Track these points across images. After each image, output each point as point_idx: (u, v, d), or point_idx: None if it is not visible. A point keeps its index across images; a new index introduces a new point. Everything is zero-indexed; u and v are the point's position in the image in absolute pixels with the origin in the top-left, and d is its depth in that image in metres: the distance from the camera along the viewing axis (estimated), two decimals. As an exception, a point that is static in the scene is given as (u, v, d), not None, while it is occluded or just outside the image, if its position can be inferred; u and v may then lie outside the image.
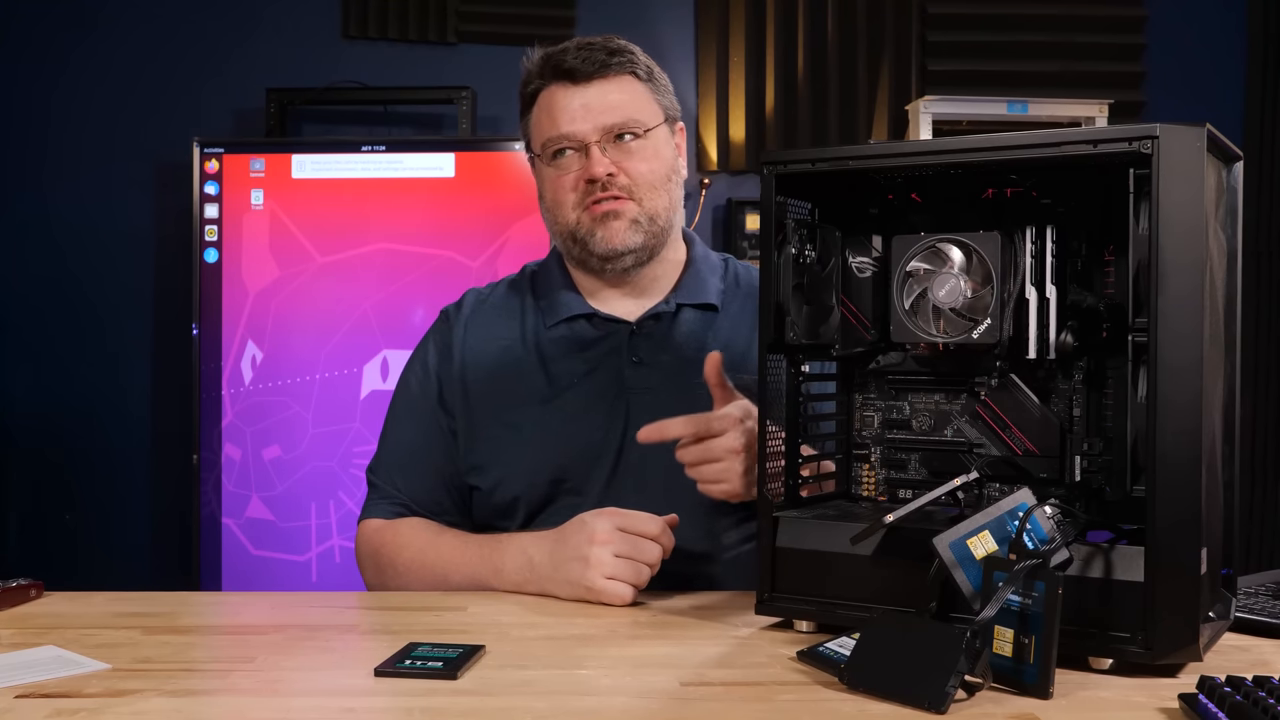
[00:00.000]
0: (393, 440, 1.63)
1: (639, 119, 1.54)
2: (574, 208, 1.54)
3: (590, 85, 1.53)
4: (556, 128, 1.53)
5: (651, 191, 1.54)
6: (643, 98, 1.56)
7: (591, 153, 1.51)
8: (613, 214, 1.52)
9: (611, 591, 1.31)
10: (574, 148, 1.53)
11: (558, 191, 1.55)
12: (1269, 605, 1.23)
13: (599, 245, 1.53)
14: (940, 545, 1.04)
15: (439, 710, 0.94)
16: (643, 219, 1.53)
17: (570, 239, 1.56)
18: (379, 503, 1.60)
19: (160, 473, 3.69)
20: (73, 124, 3.68)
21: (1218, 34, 3.82)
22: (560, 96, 1.53)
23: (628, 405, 1.53)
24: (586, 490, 1.51)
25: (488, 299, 1.67)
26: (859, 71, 3.76)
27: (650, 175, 1.54)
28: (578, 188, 1.53)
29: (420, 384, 1.62)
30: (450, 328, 1.64)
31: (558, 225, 1.57)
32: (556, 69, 1.54)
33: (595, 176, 1.51)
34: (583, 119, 1.52)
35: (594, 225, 1.53)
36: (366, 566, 1.57)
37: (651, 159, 1.54)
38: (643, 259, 1.57)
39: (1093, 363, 1.16)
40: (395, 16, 3.69)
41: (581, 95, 1.53)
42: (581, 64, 1.52)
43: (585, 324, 1.59)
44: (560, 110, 1.53)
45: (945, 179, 1.21)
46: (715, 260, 1.67)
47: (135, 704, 0.96)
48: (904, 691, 0.95)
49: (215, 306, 3.37)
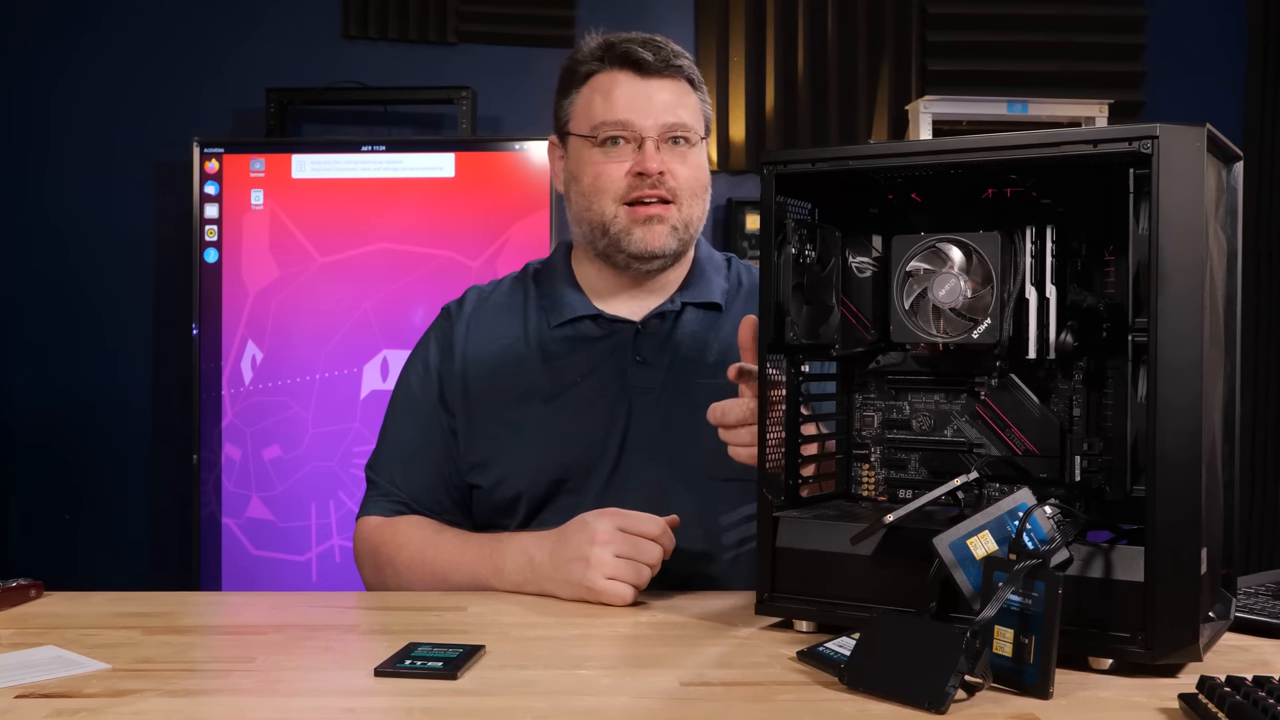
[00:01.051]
0: (393, 438, 1.63)
1: (693, 125, 1.54)
2: (615, 200, 1.53)
3: (654, 80, 1.53)
4: (615, 113, 1.52)
5: (692, 199, 1.55)
6: (694, 106, 1.56)
7: (646, 147, 1.51)
8: (657, 218, 1.52)
9: (612, 592, 1.31)
10: (628, 138, 1.52)
11: (601, 178, 1.53)
12: (1269, 605, 1.23)
13: (634, 245, 1.52)
14: (940, 545, 1.04)
15: (439, 710, 0.94)
16: (680, 225, 1.54)
17: (600, 230, 1.54)
18: (378, 500, 1.59)
19: (160, 472, 3.69)
20: (73, 124, 3.68)
21: (1218, 34, 3.82)
22: (624, 84, 1.53)
23: (630, 404, 1.53)
24: (588, 489, 1.51)
25: (490, 296, 1.66)
26: (859, 71, 3.76)
27: (693, 183, 1.54)
28: (624, 179, 1.52)
29: (421, 382, 1.61)
30: (452, 325, 1.63)
31: (591, 213, 1.55)
32: (624, 56, 1.53)
33: (649, 171, 1.50)
34: (644, 112, 1.51)
35: (632, 225, 1.52)
36: (365, 564, 1.57)
37: (696, 167, 1.55)
38: (669, 264, 1.58)
39: (1093, 363, 1.16)
40: (395, 16, 3.69)
41: (646, 88, 1.52)
42: (653, 57, 1.52)
43: (590, 324, 1.59)
44: (622, 97, 1.52)
45: (945, 179, 1.21)
46: (719, 259, 1.67)
47: (135, 704, 0.96)
48: (904, 691, 0.95)
49: (215, 306, 3.37)
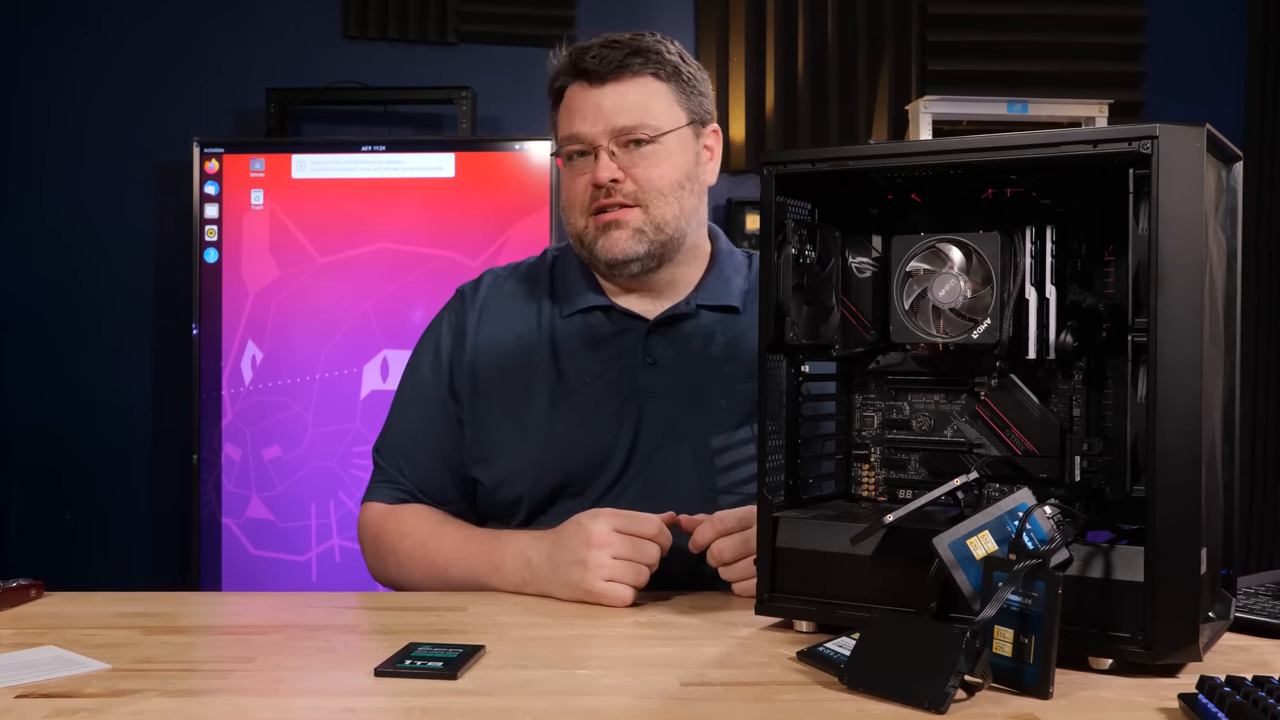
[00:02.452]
0: (401, 424, 1.61)
1: (652, 122, 1.50)
2: (582, 213, 1.52)
3: (605, 86, 1.50)
4: (570, 127, 1.51)
5: (660, 199, 1.50)
6: (662, 99, 1.51)
7: (600, 157, 1.49)
8: (615, 223, 1.50)
9: (612, 594, 1.30)
10: (585, 150, 1.51)
11: (570, 193, 1.53)
12: (1269, 605, 1.23)
13: (601, 253, 1.51)
14: (940, 545, 1.04)
15: (439, 710, 0.94)
16: (648, 227, 1.50)
17: (579, 243, 1.55)
18: (383, 486, 1.59)
19: (160, 473, 3.69)
20: (73, 124, 3.68)
21: (1218, 34, 3.82)
22: (577, 96, 1.51)
23: (639, 409, 1.51)
24: (590, 494, 1.50)
25: (506, 282, 1.64)
26: (859, 71, 3.76)
27: (659, 181, 1.50)
28: (586, 192, 1.51)
29: (433, 368, 1.60)
30: (466, 310, 1.61)
31: (570, 228, 1.56)
32: (575, 67, 1.51)
33: (599, 182, 1.49)
34: (593, 121, 1.49)
35: (597, 234, 1.51)
36: (368, 550, 1.57)
37: (663, 164, 1.50)
38: (649, 266, 1.53)
39: (1093, 363, 1.16)
40: (395, 16, 3.69)
41: (596, 96, 1.50)
42: (599, 64, 1.49)
43: (602, 316, 1.57)
44: (575, 110, 1.51)
45: (945, 179, 1.20)
46: (740, 258, 1.64)
47: (135, 704, 0.96)
48: (904, 691, 0.95)
49: (215, 306, 3.37)
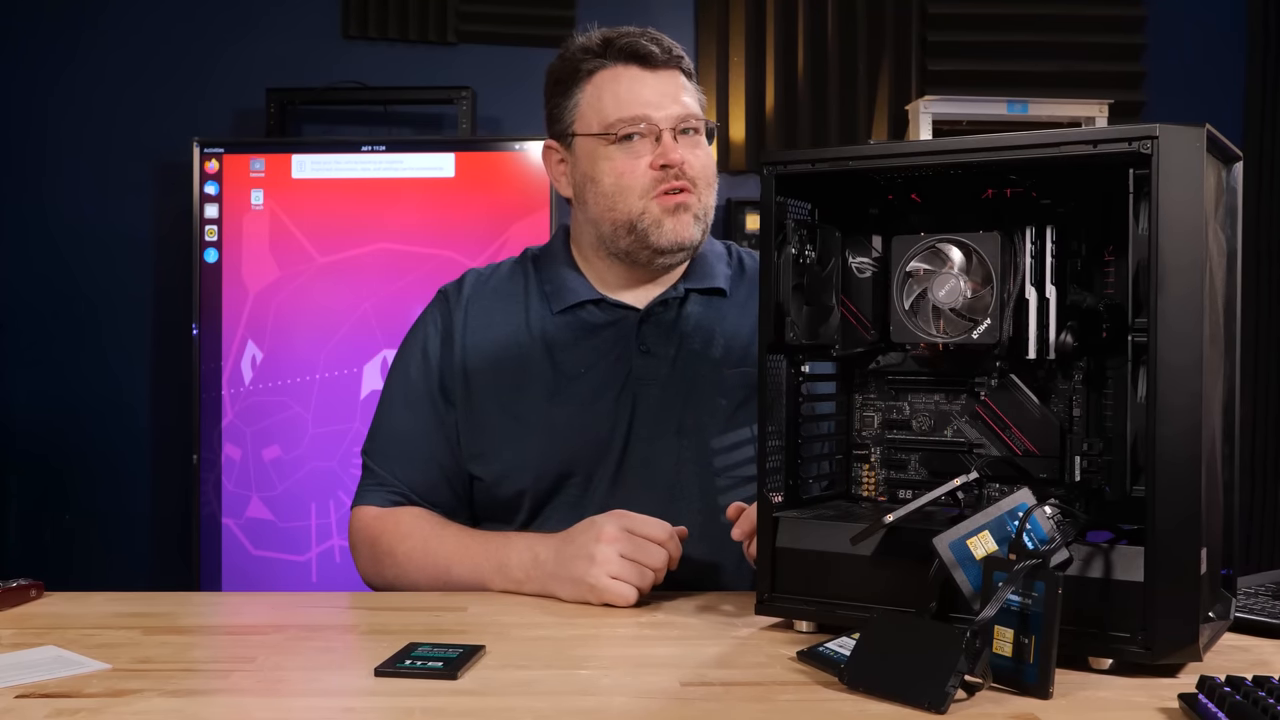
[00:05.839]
0: (390, 427, 1.59)
1: (700, 115, 1.55)
2: (641, 195, 1.51)
3: (661, 72, 1.53)
4: (630, 109, 1.51)
5: (708, 188, 1.55)
6: (694, 97, 1.57)
7: (665, 139, 1.50)
8: (683, 206, 1.51)
9: (615, 591, 1.30)
10: (644, 133, 1.51)
11: (625, 175, 1.51)
12: (1269, 605, 1.23)
13: (664, 236, 1.51)
14: (940, 545, 1.04)
15: (439, 710, 0.94)
16: (701, 214, 1.54)
17: (626, 229, 1.52)
18: (375, 489, 1.57)
19: (160, 473, 3.69)
20: (72, 124, 3.68)
21: (1218, 34, 3.81)
22: (634, 78, 1.52)
23: (634, 397, 1.52)
24: (592, 484, 1.50)
25: (489, 281, 1.63)
26: (859, 71, 3.76)
27: (706, 172, 1.55)
28: (648, 174, 1.51)
29: (420, 371, 1.58)
30: (450, 310, 1.60)
31: (615, 212, 1.52)
32: (627, 51, 1.52)
33: (673, 162, 1.49)
34: (658, 105, 1.51)
35: (663, 215, 1.50)
36: (361, 554, 1.55)
37: (706, 157, 1.56)
38: (689, 257, 1.58)
39: (1092, 363, 1.16)
40: (395, 16, 3.69)
41: (655, 81, 1.52)
42: (658, 51, 1.52)
43: (594, 309, 1.57)
44: (635, 93, 1.51)
45: (945, 179, 1.21)
46: (719, 247, 1.66)
47: (135, 704, 0.96)
48: (904, 691, 0.95)
49: (215, 306, 3.37)
